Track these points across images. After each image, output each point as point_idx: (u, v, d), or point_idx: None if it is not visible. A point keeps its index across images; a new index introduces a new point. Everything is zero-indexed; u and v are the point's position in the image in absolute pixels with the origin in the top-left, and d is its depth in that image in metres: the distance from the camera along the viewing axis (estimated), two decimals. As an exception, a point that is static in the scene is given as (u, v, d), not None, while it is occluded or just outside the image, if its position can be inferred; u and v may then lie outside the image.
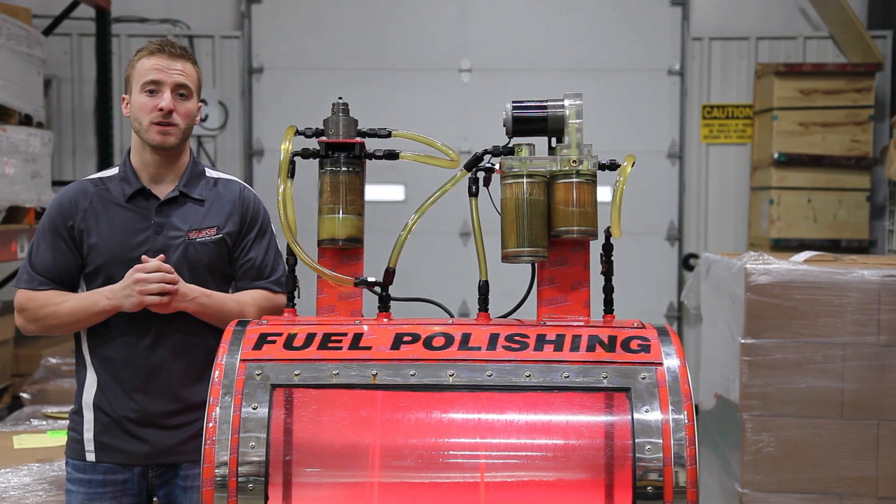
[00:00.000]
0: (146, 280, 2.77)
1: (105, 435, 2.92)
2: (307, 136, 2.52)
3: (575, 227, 2.39)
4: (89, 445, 2.94)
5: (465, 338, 2.33)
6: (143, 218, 2.91)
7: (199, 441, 2.24)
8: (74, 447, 2.97)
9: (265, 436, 2.19)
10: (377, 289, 2.47)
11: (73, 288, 2.95)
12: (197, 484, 2.71)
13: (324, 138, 2.50)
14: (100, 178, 2.99)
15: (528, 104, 2.46)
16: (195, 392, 2.87)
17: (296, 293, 2.55)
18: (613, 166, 2.47)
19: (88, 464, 2.94)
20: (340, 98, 2.54)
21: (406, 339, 2.32)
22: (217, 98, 8.06)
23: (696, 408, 2.29)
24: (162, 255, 2.83)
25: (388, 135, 2.54)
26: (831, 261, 4.32)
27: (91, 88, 7.91)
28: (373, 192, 7.59)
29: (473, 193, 2.46)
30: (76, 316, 2.88)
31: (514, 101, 2.47)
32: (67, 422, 3.03)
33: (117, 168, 3.00)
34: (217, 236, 2.94)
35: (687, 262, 8.11)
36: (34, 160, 5.81)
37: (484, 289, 2.48)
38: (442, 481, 2.30)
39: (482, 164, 2.47)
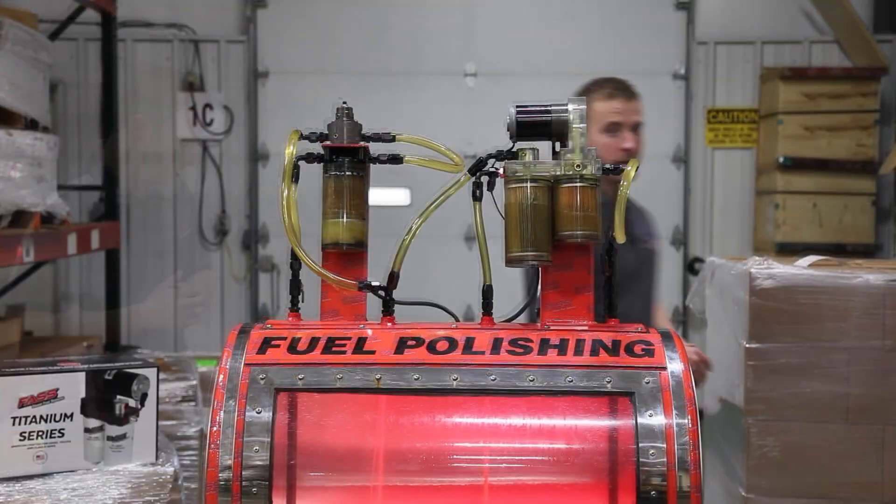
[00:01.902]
0: None
1: None
2: (311, 141, 2.52)
3: (579, 231, 2.38)
4: None
5: (469, 342, 2.32)
6: None
7: None
8: None
9: (269, 440, 2.19)
10: (381, 292, 2.47)
11: None
12: None
13: (327, 142, 2.50)
14: None
15: (532, 108, 2.45)
16: None
17: (300, 297, 2.55)
18: (617, 171, 2.46)
19: None
20: (344, 102, 2.53)
21: (410, 342, 2.32)
22: (222, 102, 8.04)
23: (701, 412, 2.29)
24: None
25: (393, 139, 2.53)
26: (836, 265, 4.32)
27: (97, 93, 7.92)
28: (378, 196, 7.58)
29: (477, 197, 2.46)
30: None
31: (517, 105, 2.46)
32: None
33: None
34: None
35: (692, 267, 8.09)
36: (40, 164, 5.81)
37: (488, 293, 2.47)
38: (445, 485, 2.30)
39: (486, 168, 2.47)
